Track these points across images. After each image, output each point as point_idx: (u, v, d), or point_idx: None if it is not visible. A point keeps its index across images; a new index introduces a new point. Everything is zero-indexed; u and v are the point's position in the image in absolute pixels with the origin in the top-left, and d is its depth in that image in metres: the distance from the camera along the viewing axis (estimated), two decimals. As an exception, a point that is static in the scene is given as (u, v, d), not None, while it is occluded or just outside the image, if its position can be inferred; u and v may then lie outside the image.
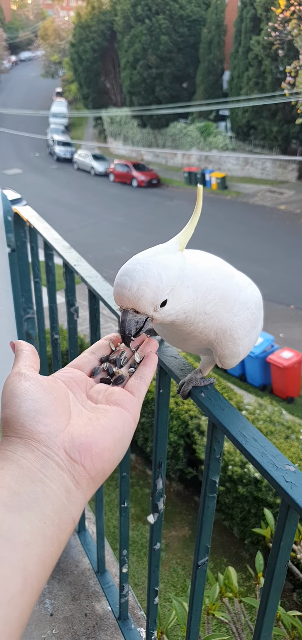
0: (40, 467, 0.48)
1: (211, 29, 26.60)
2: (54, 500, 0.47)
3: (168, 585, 5.28)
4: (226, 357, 0.86)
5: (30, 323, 2.00)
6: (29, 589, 0.41)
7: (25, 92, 49.14)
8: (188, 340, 0.85)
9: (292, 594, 5.09)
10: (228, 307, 0.82)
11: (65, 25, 45.33)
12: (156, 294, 0.68)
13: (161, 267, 0.69)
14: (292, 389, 8.56)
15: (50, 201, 23.11)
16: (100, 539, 1.70)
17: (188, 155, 29.27)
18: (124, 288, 0.68)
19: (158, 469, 1.10)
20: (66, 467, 0.49)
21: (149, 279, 0.68)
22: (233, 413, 0.82)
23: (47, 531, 0.44)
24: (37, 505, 0.45)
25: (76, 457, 0.50)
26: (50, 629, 1.69)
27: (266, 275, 14.10)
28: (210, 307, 0.79)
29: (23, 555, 0.41)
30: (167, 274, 0.70)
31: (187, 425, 6.03)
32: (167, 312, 0.72)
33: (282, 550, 0.74)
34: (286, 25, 19.72)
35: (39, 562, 0.42)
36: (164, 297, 0.70)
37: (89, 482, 0.51)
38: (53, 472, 0.48)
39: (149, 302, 0.68)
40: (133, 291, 0.68)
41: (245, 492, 5.24)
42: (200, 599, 1.06)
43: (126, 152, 33.41)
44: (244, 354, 0.89)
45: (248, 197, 24.28)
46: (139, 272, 0.68)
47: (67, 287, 1.46)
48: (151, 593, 1.28)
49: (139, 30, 27.83)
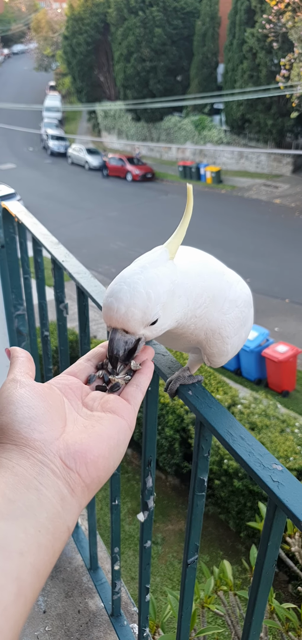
0: (36, 474, 0.47)
1: (205, 21, 26.45)
2: (49, 508, 0.46)
3: (164, 579, 5.30)
4: (214, 355, 0.85)
5: (21, 320, 1.98)
6: (23, 599, 0.40)
7: (18, 86, 48.71)
8: (177, 340, 0.84)
9: (287, 586, 5.13)
10: (218, 307, 0.81)
11: (58, 18, 44.94)
12: (145, 314, 0.66)
13: (148, 285, 0.66)
14: (287, 382, 8.59)
15: (45, 196, 22.99)
16: (93, 536, 1.70)
17: (183, 149, 29.17)
18: (112, 310, 0.65)
19: (148, 467, 1.09)
20: (61, 474, 0.49)
21: (137, 299, 0.65)
22: (220, 411, 0.81)
23: (42, 539, 0.44)
24: (31, 513, 0.44)
25: (71, 465, 0.50)
26: (43, 626, 1.69)
27: (261, 269, 14.11)
28: (201, 310, 0.77)
29: (17, 564, 0.40)
30: (156, 291, 0.67)
31: (183, 419, 6.04)
32: (159, 327, 0.70)
33: (270, 550, 0.73)
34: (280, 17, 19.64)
35: (33, 570, 0.42)
36: (154, 316, 0.67)
37: (84, 490, 0.50)
38: (48, 480, 0.48)
39: (138, 323, 0.66)
40: (121, 313, 0.65)
41: (241, 486, 5.26)
42: (190, 597, 1.05)
43: (120, 146, 33.25)
44: (232, 353, 0.88)
45: (243, 191, 24.26)
46: (126, 293, 0.65)
47: (55, 283, 1.44)
48: (143, 590, 1.27)
49: (132, 22, 27.63)
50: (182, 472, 6.35)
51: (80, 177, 27.83)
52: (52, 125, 36.35)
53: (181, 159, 28.90)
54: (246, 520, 5.27)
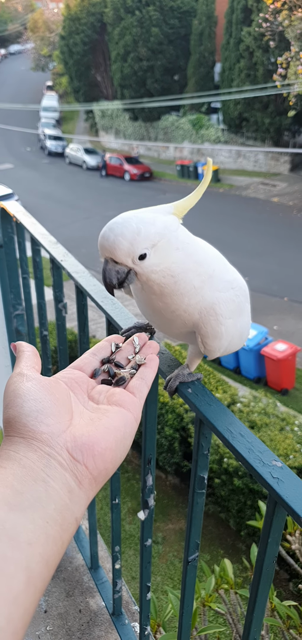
0: (43, 466, 0.48)
1: (201, 20, 26.44)
2: (57, 499, 0.46)
3: (165, 578, 5.31)
4: (208, 336, 0.84)
5: (20, 319, 1.98)
6: (33, 588, 0.41)
7: (15, 86, 48.63)
8: (173, 320, 0.84)
9: (288, 584, 5.14)
10: (214, 285, 0.84)
11: (54, 18, 44.83)
12: (132, 245, 0.72)
13: (140, 222, 0.73)
14: (286, 381, 8.60)
15: (43, 196, 22.96)
16: (93, 535, 1.70)
17: (180, 149, 29.16)
18: (103, 238, 0.74)
19: (147, 465, 1.09)
20: (69, 467, 0.49)
21: (126, 230, 0.72)
22: (220, 408, 0.81)
23: (50, 530, 0.44)
24: (39, 504, 0.45)
25: (79, 457, 0.50)
26: (45, 625, 1.69)
27: (260, 268, 14.11)
28: (198, 281, 0.80)
29: (26, 554, 0.41)
30: (147, 229, 0.73)
31: (183, 418, 6.04)
32: (150, 267, 0.74)
33: (270, 546, 0.73)
34: (277, 16, 19.64)
35: (42, 561, 0.42)
36: (141, 250, 0.73)
37: (91, 482, 0.51)
38: (55, 472, 0.48)
39: (125, 252, 0.72)
40: (110, 241, 0.73)
41: (241, 485, 5.26)
42: (191, 595, 1.06)
43: (118, 146, 33.23)
44: (227, 340, 0.87)
45: (241, 190, 24.26)
46: (119, 225, 0.73)
47: (54, 283, 1.44)
48: (143, 589, 1.27)
49: (129, 22, 27.60)
50: (182, 471, 6.35)
51: (78, 177, 27.80)
52: (49, 125, 36.31)
53: (179, 158, 28.88)
54: (246, 519, 5.28)
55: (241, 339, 0.93)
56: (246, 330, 0.94)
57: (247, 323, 0.94)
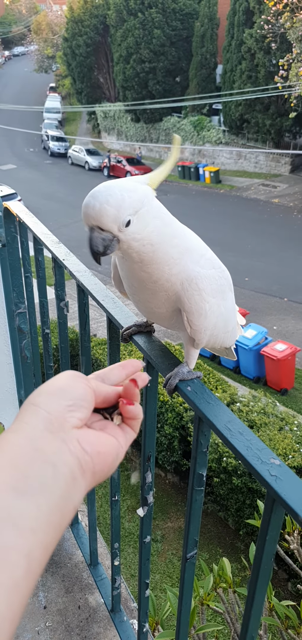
0: (56, 450, 0.48)
1: (203, 22, 26.44)
2: (62, 485, 0.47)
3: (164, 576, 5.31)
4: (193, 312, 0.86)
5: (22, 318, 1.99)
6: (32, 575, 0.41)
7: (18, 87, 48.69)
8: (156, 292, 0.86)
9: (287, 584, 5.14)
10: (194, 259, 0.85)
11: (58, 20, 44.89)
12: (118, 212, 0.74)
13: (123, 190, 0.75)
14: (285, 380, 8.60)
15: (45, 196, 22.98)
16: (93, 531, 1.71)
17: (182, 150, 29.17)
18: (88, 207, 0.75)
19: (147, 462, 1.11)
20: (77, 454, 0.50)
21: (111, 198, 0.74)
22: (219, 406, 0.82)
23: (52, 517, 0.45)
24: (46, 489, 0.45)
25: (87, 449, 0.51)
26: (44, 621, 1.70)
27: (260, 269, 14.12)
28: (176, 252, 0.82)
29: (29, 542, 0.41)
30: (130, 196, 0.75)
31: (182, 417, 6.04)
32: (132, 234, 0.76)
33: (268, 544, 0.74)
34: (278, 18, 19.66)
35: (41, 547, 0.43)
36: (126, 216, 0.74)
37: (93, 474, 0.52)
38: (65, 457, 0.48)
39: (111, 219, 0.74)
40: (96, 209, 0.74)
41: (239, 484, 5.27)
42: (189, 592, 1.07)
43: (120, 147, 33.24)
44: (212, 322, 0.88)
45: (242, 191, 24.26)
46: (102, 192, 0.75)
47: (56, 281, 1.45)
48: (142, 586, 1.28)
49: (131, 24, 27.61)
50: (182, 469, 6.36)
51: (81, 178, 27.82)
52: (52, 126, 36.33)
53: (180, 159, 28.90)
54: (245, 517, 5.28)
55: (226, 328, 0.94)
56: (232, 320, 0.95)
57: (231, 309, 0.95)
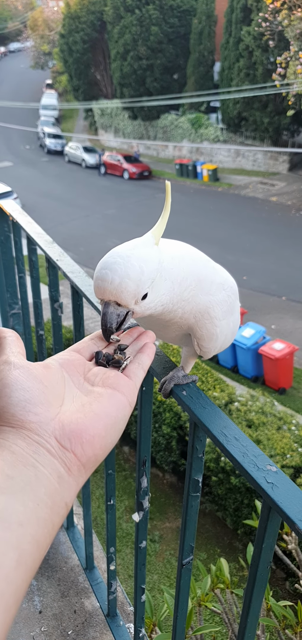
0: (32, 453, 0.49)
1: (201, 20, 26.40)
2: (46, 483, 0.47)
3: (162, 577, 5.31)
4: (204, 338, 0.86)
5: (16, 319, 1.97)
6: (24, 567, 0.42)
7: (14, 84, 48.50)
8: (168, 327, 0.85)
9: (284, 583, 5.14)
10: (205, 290, 0.83)
11: (54, 16, 44.73)
12: (138, 287, 0.68)
13: (141, 260, 0.69)
14: (284, 380, 8.60)
15: (42, 194, 22.92)
16: (88, 535, 1.69)
17: (179, 147, 29.13)
18: (106, 281, 0.67)
19: (142, 467, 1.09)
20: (57, 454, 0.50)
21: (131, 271, 0.68)
22: (214, 411, 0.81)
23: (40, 513, 0.45)
24: (29, 488, 0.46)
25: (67, 445, 0.51)
26: (39, 626, 1.68)
27: (258, 267, 14.11)
28: (187, 293, 0.79)
29: (17, 534, 0.42)
30: (148, 267, 0.70)
31: (180, 417, 6.04)
32: (147, 305, 0.72)
33: (265, 552, 0.73)
34: (276, 15, 19.64)
35: (32, 541, 0.44)
36: (145, 290, 0.70)
37: (80, 468, 0.51)
38: (45, 459, 0.49)
39: (131, 295, 0.68)
40: (115, 284, 0.67)
41: (238, 483, 5.26)
42: (186, 597, 1.05)
43: (117, 144, 33.18)
44: (221, 340, 0.89)
45: (240, 189, 24.25)
46: (121, 265, 0.68)
47: (50, 282, 1.43)
48: (138, 591, 1.27)
49: (129, 20, 27.54)
50: (180, 469, 6.35)
51: (77, 175, 27.76)
52: (48, 123, 36.25)
53: (178, 157, 28.87)
54: (243, 517, 5.28)
55: (233, 335, 0.95)
56: (237, 326, 0.96)
57: (237, 319, 0.95)
